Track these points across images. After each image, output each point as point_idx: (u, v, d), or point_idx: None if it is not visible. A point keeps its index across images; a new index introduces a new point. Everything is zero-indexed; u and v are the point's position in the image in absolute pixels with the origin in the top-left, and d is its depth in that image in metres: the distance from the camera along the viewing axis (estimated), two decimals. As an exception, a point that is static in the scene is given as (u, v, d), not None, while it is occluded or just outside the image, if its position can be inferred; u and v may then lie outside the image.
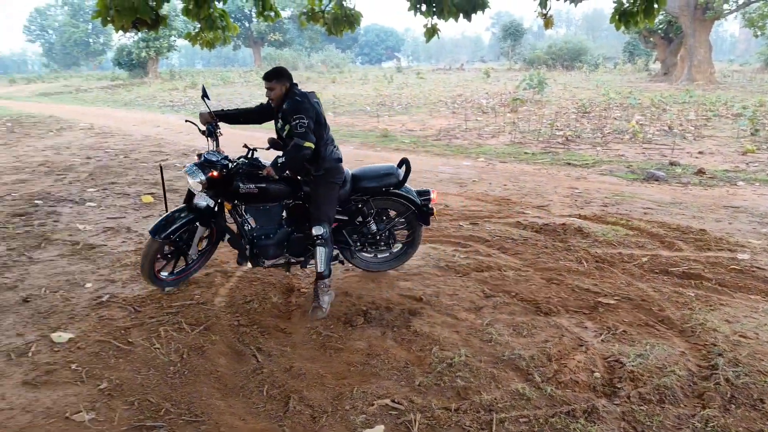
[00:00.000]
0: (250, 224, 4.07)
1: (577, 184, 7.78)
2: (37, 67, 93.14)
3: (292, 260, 4.23)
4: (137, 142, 12.62)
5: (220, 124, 4.11)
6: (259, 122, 4.26)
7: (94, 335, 3.60)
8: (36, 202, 7.16)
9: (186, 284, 4.46)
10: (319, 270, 3.97)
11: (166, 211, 4.13)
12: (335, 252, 4.31)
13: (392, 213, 4.51)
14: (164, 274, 4.19)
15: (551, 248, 5.10)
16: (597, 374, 3.13)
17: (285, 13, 51.51)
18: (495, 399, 2.91)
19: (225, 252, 5.16)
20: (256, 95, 24.85)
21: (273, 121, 4.15)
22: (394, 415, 2.80)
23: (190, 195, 4.04)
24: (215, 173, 3.83)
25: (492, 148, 10.94)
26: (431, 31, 7.46)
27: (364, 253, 4.49)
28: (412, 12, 7.33)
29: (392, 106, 19.60)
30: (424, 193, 4.49)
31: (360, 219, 4.38)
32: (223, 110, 4.18)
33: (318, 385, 3.07)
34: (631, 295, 4.13)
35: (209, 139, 4.05)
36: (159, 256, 4.06)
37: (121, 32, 7.62)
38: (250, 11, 54.78)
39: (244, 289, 4.37)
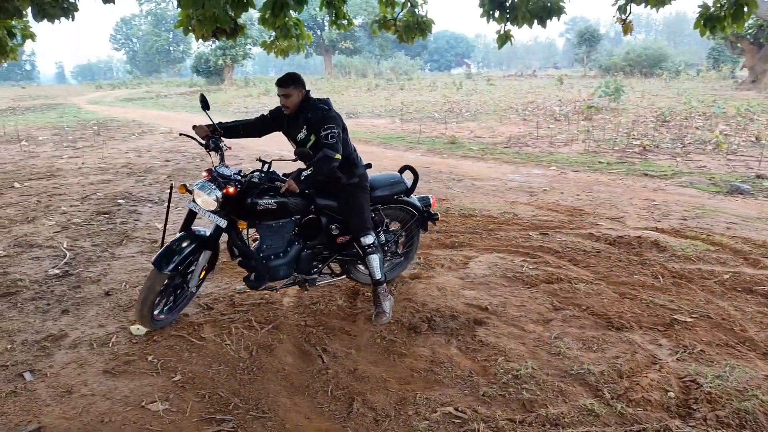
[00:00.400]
0: (259, 243, 3.79)
1: (655, 196, 7.46)
2: (122, 73, 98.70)
3: (305, 278, 3.96)
4: (213, 145, 13.10)
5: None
6: (260, 135, 4.01)
7: (169, 330, 3.76)
8: (119, 201, 7.59)
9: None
10: (376, 277, 3.90)
11: (163, 239, 3.74)
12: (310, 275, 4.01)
13: (393, 223, 4.45)
14: (156, 311, 3.68)
15: (625, 262, 4.91)
16: (671, 394, 2.98)
17: (356, 21, 52.38)
18: (562, 413, 2.83)
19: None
20: (327, 101, 25.35)
21: (283, 131, 3.93)
22: (458, 423, 2.77)
23: (189, 219, 3.64)
24: (231, 189, 3.48)
25: (564, 157, 10.67)
26: (504, 38, 7.37)
27: (360, 266, 4.25)
28: (485, 18, 7.28)
29: (461, 112, 19.49)
30: (424, 199, 4.46)
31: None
32: (221, 122, 3.90)
33: (381, 389, 3.08)
34: (710, 313, 3.91)
35: (213, 153, 3.73)
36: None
37: (200, 41, 7.98)
38: (323, 20, 55.96)
39: (312, 290, 4.45)
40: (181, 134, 4.04)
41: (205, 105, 3.76)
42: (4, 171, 10.28)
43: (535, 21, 6.84)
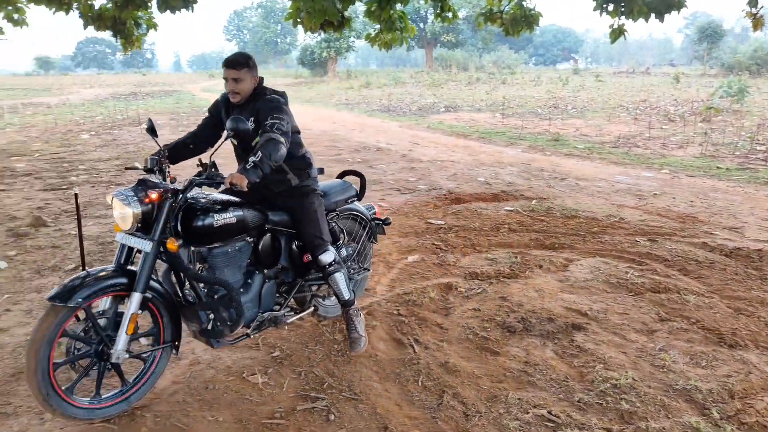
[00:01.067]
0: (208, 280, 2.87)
1: (779, 206, 6.85)
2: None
3: (272, 317, 3.17)
4: (315, 136, 13.52)
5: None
6: (213, 142, 3.17)
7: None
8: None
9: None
10: (345, 298, 3.31)
11: (83, 267, 2.76)
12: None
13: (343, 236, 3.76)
14: (81, 398, 2.65)
15: (742, 275, 4.55)
16: (792, 422, 2.74)
17: (461, 14, 51.87)
18: (663, 429, 2.67)
19: (386, 243, 5.36)
20: (426, 95, 25.34)
21: (226, 129, 2.88)
22: (550, 427, 2.70)
23: (130, 252, 2.73)
24: (155, 195, 2.61)
25: (678, 160, 10.02)
26: (617, 32, 7.04)
27: (323, 299, 3.63)
28: (598, 12, 6.98)
29: (566, 109, 18.82)
30: (368, 208, 3.96)
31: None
32: (166, 145, 3.08)
33: (472, 385, 3.06)
34: (842, 338, 3.54)
35: (153, 175, 2.83)
36: (65, 358, 2.58)
37: (308, 33, 8.24)
38: (426, 12, 55.91)
39: (405, 281, 4.50)
40: (126, 168, 3.59)
41: (151, 131, 2.98)
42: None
43: (652, 15, 6.48)
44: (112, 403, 2.72)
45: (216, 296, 2.85)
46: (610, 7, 6.86)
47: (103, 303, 2.68)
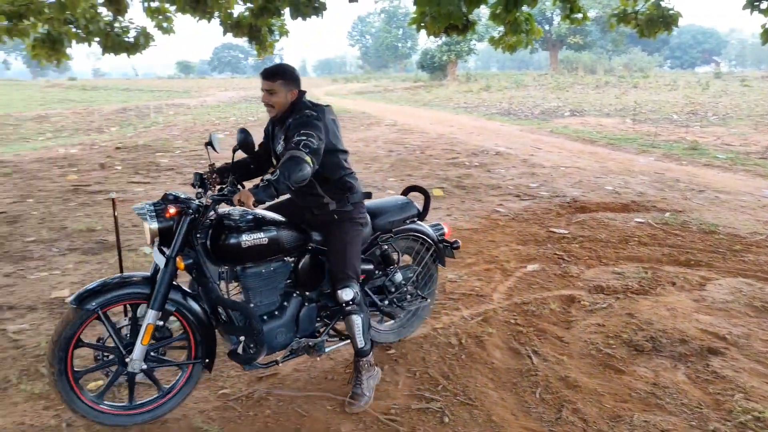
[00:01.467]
0: (244, 299, 2.80)
1: None
2: (354, 68, 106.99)
3: (310, 343, 2.96)
4: (432, 139, 13.58)
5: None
6: (271, 161, 3.03)
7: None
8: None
9: (467, 275, 4.67)
10: (359, 346, 2.90)
11: (120, 271, 2.81)
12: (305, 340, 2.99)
13: (403, 258, 3.51)
14: (105, 403, 2.63)
15: None
16: None
17: (590, 14, 49.77)
18: (817, 473, 2.40)
19: (504, 251, 5.27)
20: (549, 99, 24.56)
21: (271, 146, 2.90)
22: (680, 456, 2.52)
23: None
24: (173, 210, 2.53)
25: (838, 174, 8.92)
26: (770, 32, 6.41)
27: (376, 323, 3.43)
28: (748, 10, 6.39)
29: (705, 115, 17.40)
30: (436, 227, 3.59)
31: (384, 268, 3.34)
32: (227, 164, 2.99)
33: (594, 402, 2.92)
34: None
35: (197, 189, 2.78)
36: (94, 361, 2.62)
37: (430, 37, 8.29)
38: (552, 14, 54.19)
39: (524, 291, 4.40)
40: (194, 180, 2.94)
41: (210, 146, 2.79)
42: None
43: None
44: (142, 411, 2.67)
45: (246, 320, 2.70)
46: (763, 5, 6.26)
47: (139, 310, 2.61)
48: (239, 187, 2.61)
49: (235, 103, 28.48)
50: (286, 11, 8.36)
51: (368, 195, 3.11)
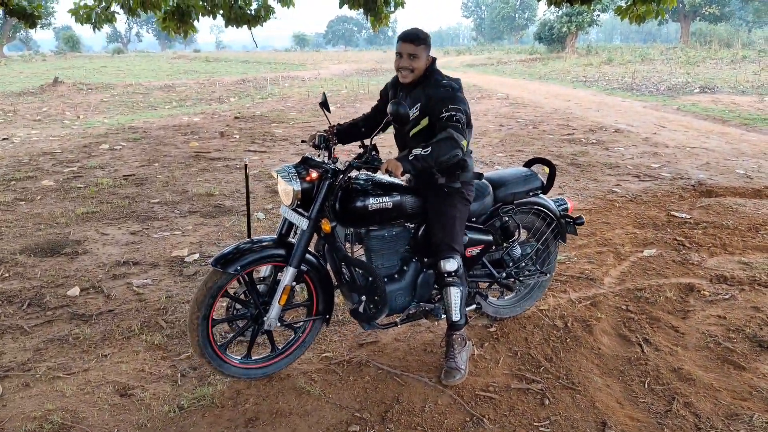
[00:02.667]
0: (365, 262, 2.85)
1: None
2: (467, 40, 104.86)
3: (427, 308, 3.03)
4: (546, 114, 13.08)
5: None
6: (385, 128, 2.87)
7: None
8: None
9: (577, 257, 4.49)
10: (453, 319, 2.90)
11: (248, 236, 2.90)
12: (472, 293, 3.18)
13: (523, 233, 3.46)
14: (235, 357, 2.86)
15: None
16: None
17: (730, -18, 45.15)
18: None
19: (619, 233, 5.01)
20: (677, 74, 22.76)
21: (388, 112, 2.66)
22: (808, 466, 2.30)
23: (291, 224, 2.80)
24: (314, 174, 2.65)
25: None
26: None
27: (490, 297, 3.42)
28: None
29: None
30: (559, 202, 3.47)
31: (503, 241, 3.30)
32: (339, 124, 3.11)
33: (709, 397, 2.74)
34: None
35: (319, 151, 2.92)
36: (227, 321, 2.80)
37: (548, 7, 7.91)
38: (687, -19, 49.82)
39: (637, 276, 4.17)
40: (302, 141, 3.29)
41: (324, 105, 3.00)
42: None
43: None
44: (260, 366, 2.85)
45: (369, 280, 2.79)
46: None
47: (264, 270, 2.81)
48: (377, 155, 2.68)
49: (347, 76, 28.98)
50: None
51: (479, 175, 3.07)
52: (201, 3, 9.24)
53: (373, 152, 2.68)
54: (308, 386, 2.83)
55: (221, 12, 9.64)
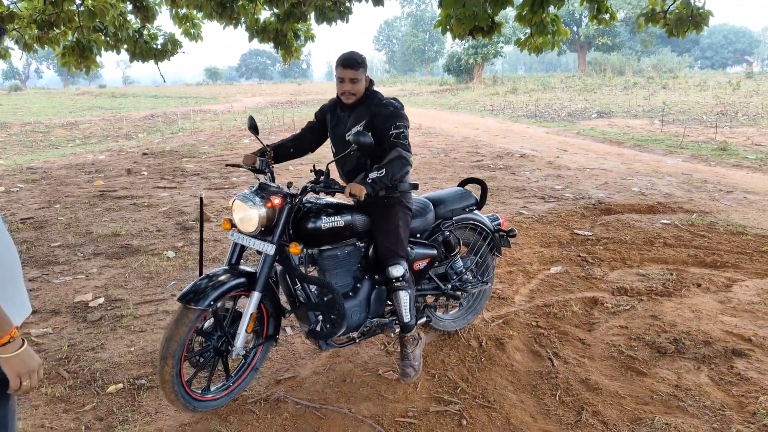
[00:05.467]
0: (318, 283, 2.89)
1: None
2: (380, 73, 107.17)
3: (382, 323, 3.17)
4: (457, 142, 13.54)
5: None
6: (313, 148, 3.26)
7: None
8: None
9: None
10: (405, 321, 3.03)
11: (201, 269, 2.91)
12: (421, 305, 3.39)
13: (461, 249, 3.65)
14: (196, 390, 2.81)
15: None
16: None
17: (619, 15, 49.05)
18: None
19: (527, 253, 5.23)
20: (576, 100, 24.29)
21: (329, 130, 3.11)
22: (703, 460, 2.47)
23: (236, 254, 2.82)
24: (277, 200, 2.69)
25: None
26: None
27: (439, 312, 3.66)
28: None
29: (735, 116, 17.03)
30: (492, 218, 3.79)
31: (446, 255, 3.51)
32: (268, 145, 3.15)
33: (615, 405, 2.88)
34: None
35: (262, 176, 2.99)
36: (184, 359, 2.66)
37: (456, 40, 8.28)
38: (580, 15, 53.61)
39: (545, 293, 4.36)
40: (227, 165, 3.32)
41: (253, 128, 3.06)
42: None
43: None
44: (218, 396, 2.86)
45: (326, 298, 2.87)
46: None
47: (226, 303, 2.81)
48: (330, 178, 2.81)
49: (262, 109, 28.81)
50: (312, 16, 8.45)
51: (415, 186, 3.19)
52: (103, 38, 8.93)
53: (328, 177, 2.81)
54: (224, 429, 2.73)
55: (125, 47, 9.35)
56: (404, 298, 2.98)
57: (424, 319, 3.39)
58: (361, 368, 3.31)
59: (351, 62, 2.89)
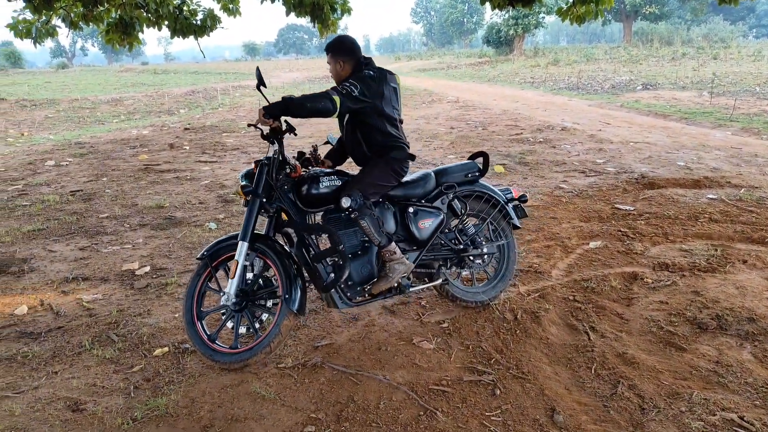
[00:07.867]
0: (329, 244, 3.16)
1: None
2: (418, 46, 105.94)
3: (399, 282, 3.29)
4: (495, 115, 13.34)
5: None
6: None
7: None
8: (409, 161, 8.27)
9: (526, 252, 4.62)
10: (375, 242, 3.14)
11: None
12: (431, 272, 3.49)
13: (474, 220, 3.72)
14: (221, 344, 3.08)
15: None
16: None
17: (666, -17, 46.93)
18: None
19: (566, 227, 5.17)
20: (621, 72, 23.54)
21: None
22: (741, 434, 2.43)
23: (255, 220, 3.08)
24: (253, 164, 3.07)
25: None
26: None
27: (457, 282, 3.67)
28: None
29: (791, 87, 16.23)
30: (504, 190, 3.76)
31: (454, 220, 3.61)
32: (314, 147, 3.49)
33: (652, 379, 2.86)
34: None
35: (271, 144, 3.06)
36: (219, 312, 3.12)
37: (496, 10, 8.10)
38: (627, -17, 51.53)
39: (584, 268, 4.31)
40: (249, 125, 3.19)
41: (260, 81, 3.01)
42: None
43: None
44: (239, 350, 3.02)
45: (332, 241, 3.10)
46: None
47: (257, 265, 3.12)
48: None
49: (299, 84, 28.87)
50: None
51: (412, 156, 3.31)
52: (145, 14, 9.07)
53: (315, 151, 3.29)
54: (263, 391, 2.83)
55: (166, 23, 9.47)
56: (364, 225, 3.07)
57: (439, 281, 3.48)
58: (396, 337, 3.36)
59: (327, 47, 3.17)
